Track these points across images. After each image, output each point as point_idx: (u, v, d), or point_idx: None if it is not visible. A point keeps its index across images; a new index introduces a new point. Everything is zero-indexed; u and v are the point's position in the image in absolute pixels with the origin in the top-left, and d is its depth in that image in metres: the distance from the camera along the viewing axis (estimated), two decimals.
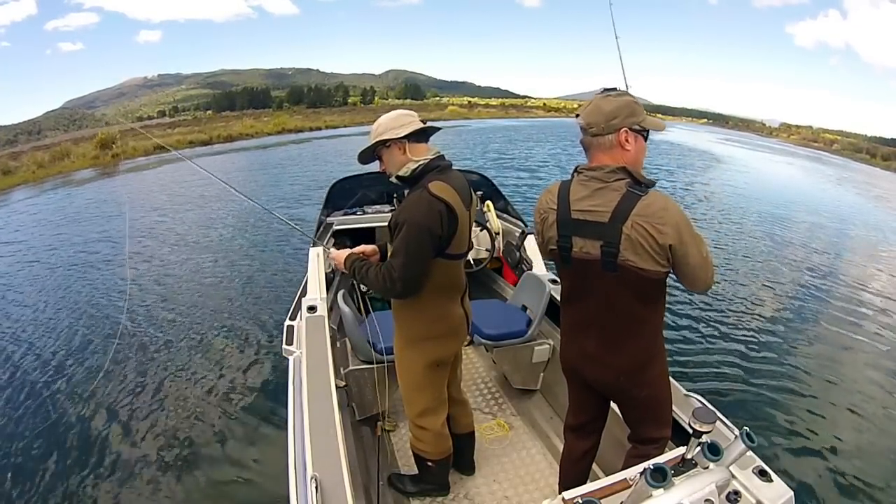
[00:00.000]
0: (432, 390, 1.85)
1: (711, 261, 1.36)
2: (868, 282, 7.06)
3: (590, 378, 1.60)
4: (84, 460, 2.99)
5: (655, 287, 1.38)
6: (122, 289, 5.77)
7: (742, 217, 10.25)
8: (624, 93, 1.37)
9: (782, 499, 1.26)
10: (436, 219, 1.52)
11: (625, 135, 1.33)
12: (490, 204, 3.68)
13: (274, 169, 14.94)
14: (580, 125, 1.38)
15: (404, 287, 1.57)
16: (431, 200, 1.52)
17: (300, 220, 6.80)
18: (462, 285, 1.79)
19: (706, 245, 1.35)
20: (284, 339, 2.17)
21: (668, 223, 1.26)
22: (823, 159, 36.55)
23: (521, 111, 68.15)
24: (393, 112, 1.66)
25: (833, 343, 4.93)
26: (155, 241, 7.65)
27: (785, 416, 3.60)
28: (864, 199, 16.89)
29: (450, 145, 19.52)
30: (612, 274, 1.35)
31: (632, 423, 1.65)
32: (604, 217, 1.32)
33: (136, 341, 4.33)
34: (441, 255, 1.60)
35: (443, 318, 1.73)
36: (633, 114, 1.34)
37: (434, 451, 1.97)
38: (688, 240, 1.29)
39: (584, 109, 1.37)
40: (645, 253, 1.29)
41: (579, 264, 1.42)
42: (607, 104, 1.34)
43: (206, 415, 3.36)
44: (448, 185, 1.57)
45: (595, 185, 1.35)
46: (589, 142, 1.38)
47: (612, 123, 1.32)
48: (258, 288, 5.61)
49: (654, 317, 1.46)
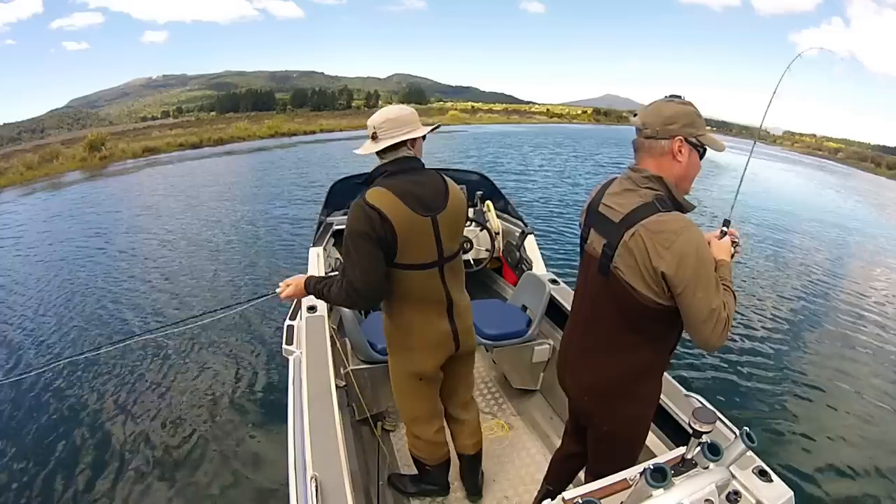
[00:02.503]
0: (417, 400, 1.83)
1: (724, 318, 1.16)
2: (872, 286, 7.07)
3: (567, 390, 1.56)
4: (81, 459, 2.97)
5: (644, 317, 1.25)
6: (122, 287, 5.78)
7: (746, 221, 10.24)
8: (688, 102, 1.27)
9: (782, 499, 1.26)
10: (369, 224, 1.46)
11: (678, 144, 1.24)
12: (490, 204, 3.68)
13: (242, 176, 14.61)
14: (636, 125, 1.30)
15: (365, 295, 1.53)
16: (363, 207, 1.47)
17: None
18: (442, 299, 1.66)
19: (724, 298, 1.17)
20: (284, 339, 2.16)
21: (673, 249, 1.14)
22: (829, 168, 36.51)
23: (523, 116, 68.43)
24: (397, 107, 1.62)
25: (834, 345, 4.94)
26: (153, 241, 7.66)
27: (785, 416, 3.61)
28: (873, 209, 16.89)
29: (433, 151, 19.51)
30: (604, 278, 1.30)
31: (592, 456, 1.57)
32: (616, 216, 1.27)
33: (136, 340, 4.31)
34: (392, 264, 1.54)
35: (417, 331, 1.67)
36: (692, 124, 1.25)
37: (430, 458, 1.95)
38: (689, 277, 1.14)
39: (643, 111, 1.30)
40: (635, 268, 1.20)
41: (587, 259, 1.39)
42: (668, 108, 1.25)
43: (205, 414, 3.36)
44: (386, 191, 1.49)
45: (627, 185, 1.30)
46: (641, 143, 1.29)
47: (668, 128, 1.24)
48: (258, 288, 5.59)
49: (638, 351, 1.33)
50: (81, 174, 16.53)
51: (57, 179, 15.55)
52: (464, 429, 1.99)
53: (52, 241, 7.97)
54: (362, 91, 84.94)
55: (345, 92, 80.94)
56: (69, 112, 78.87)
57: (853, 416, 3.71)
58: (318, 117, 45.21)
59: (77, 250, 7.36)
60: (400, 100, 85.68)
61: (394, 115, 1.57)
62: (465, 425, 1.98)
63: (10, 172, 16.93)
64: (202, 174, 15.35)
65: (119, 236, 8.09)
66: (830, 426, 3.54)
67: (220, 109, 69.70)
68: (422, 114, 1.72)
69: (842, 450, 3.27)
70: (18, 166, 17.69)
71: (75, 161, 18.62)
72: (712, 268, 1.18)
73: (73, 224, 9.14)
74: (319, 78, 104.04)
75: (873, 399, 3.96)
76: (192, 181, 13.59)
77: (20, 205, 11.70)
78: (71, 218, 9.67)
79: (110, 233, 8.35)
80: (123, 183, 14.39)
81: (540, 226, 7.78)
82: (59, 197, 12.40)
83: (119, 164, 18.40)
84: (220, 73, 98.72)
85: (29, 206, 11.43)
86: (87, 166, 18.05)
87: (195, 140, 24.60)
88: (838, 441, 3.36)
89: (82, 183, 14.51)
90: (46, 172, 16.93)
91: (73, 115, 75.62)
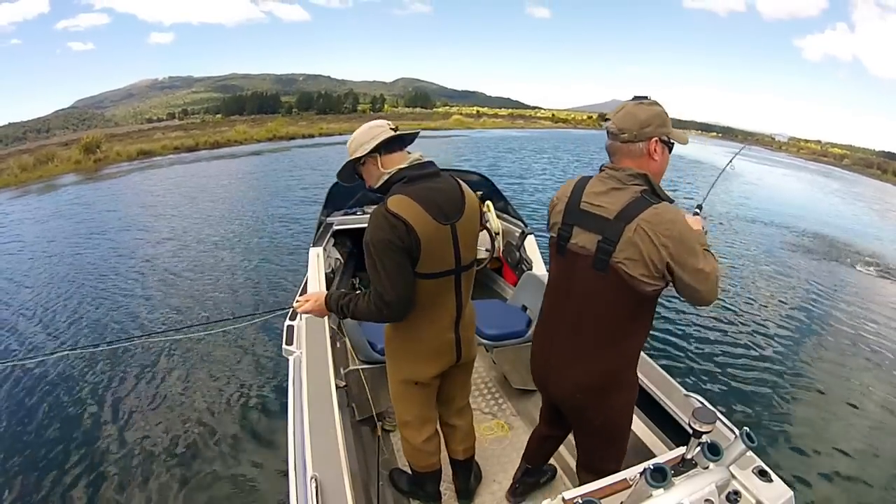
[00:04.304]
0: (410, 405, 1.80)
1: (715, 276, 1.29)
2: (873, 288, 7.09)
3: (550, 392, 1.58)
4: (79, 459, 2.97)
5: (640, 304, 1.33)
6: (121, 285, 5.81)
7: (751, 226, 10.28)
8: (656, 102, 1.35)
9: (782, 499, 1.25)
10: (394, 233, 1.41)
11: (654, 144, 1.32)
12: (490, 204, 3.69)
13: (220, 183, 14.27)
14: (610, 130, 1.35)
15: (397, 308, 1.48)
16: (387, 216, 1.42)
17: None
18: (453, 308, 1.63)
19: (713, 260, 1.29)
20: (284, 339, 2.16)
21: (673, 236, 1.23)
22: (835, 175, 36.37)
23: (528, 121, 68.48)
24: (363, 126, 1.59)
25: (834, 346, 4.94)
26: (151, 241, 7.72)
27: (785, 416, 3.60)
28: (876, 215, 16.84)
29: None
30: (600, 274, 1.31)
31: (584, 449, 1.62)
32: (610, 213, 1.30)
33: (135, 340, 4.31)
34: (413, 273, 1.49)
35: (421, 339, 1.64)
36: (663, 124, 1.33)
37: (417, 464, 1.94)
38: (687, 254, 1.25)
39: (616, 115, 1.35)
40: (640, 260, 1.25)
41: (571, 257, 1.39)
42: (641, 111, 1.32)
43: (205, 414, 3.36)
44: (408, 199, 1.44)
45: (612, 184, 1.33)
46: (617, 147, 1.35)
47: (644, 131, 1.31)
48: (258, 288, 5.63)
49: (630, 339, 1.40)
50: (76, 177, 16.55)
51: (51, 182, 15.60)
52: (455, 434, 1.98)
53: (36, 243, 8.04)
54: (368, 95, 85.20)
55: (350, 95, 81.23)
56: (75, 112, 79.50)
57: (853, 415, 3.71)
58: (321, 121, 45.18)
59: (65, 252, 7.42)
60: (405, 104, 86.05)
61: (362, 130, 1.58)
62: (458, 430, 1.97)
63: (6, 174, 16.96)
64: (190, 178, 15.33)
65: (106, 240, 8.09)
66: (831, 426, 3.54)
67: (226, 112, 70.09)
68: (425, 118, 1.73)
69: (842, 449, 3.26)
70: (13, 168, 17.69)
71: (70, 163, 18.57)
72: (697, 241, 1.28)
73: (64, 224, 9.26)
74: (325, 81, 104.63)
75: (874, 399, 3.96)
76: (177, 186, 13.56)
77: (11, 206, 11.78)
78: (63, 218, 9.80)
79: (98, 236, 8.38)
80: (114, 187, 14.40)
81: (540, 227, 7.77)
82: (40, 201, 12.36)
83: (113, 167, 18.41)
84: (226, 76, 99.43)
85: (19, 209, 11.50)
86: (80, 169, 18.04)
87: (191, 143, 24.42)
88: (839, 441, 3.35)
89: (72, 187, 14.43)
90: (41, 175, 16.92)
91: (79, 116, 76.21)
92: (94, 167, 18.39)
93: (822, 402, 3.86)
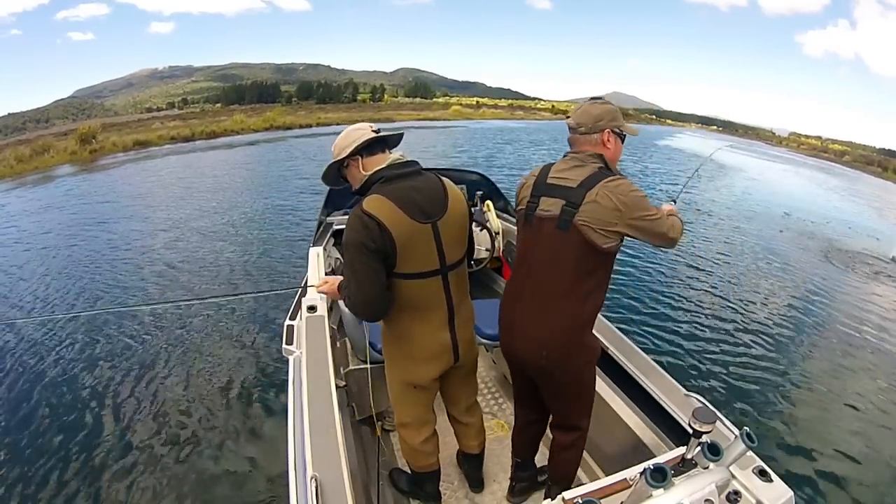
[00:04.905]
0: (408, 406, 1.82)
1: (675, 220, 1.59)
2: (874, 289, 7.07)
3: (518, 357, 1.70)
4: (78, 458, 2.95)
5: (598, 262, 1.52)
6: (120, 285, 5.78)
7: (749, 223, 10.27)
8: (608, 102, 1.62)
9: (782, 499, 1.26)
10: (367, 234, 1.42)
11: (607, 135, 1.56)
12: (490, 204, 3.68)
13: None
14: (570, 125, 1.60)
15: (366, 309, 1.52)
16: (361, 216, 1.44)
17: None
18: (443, 308, 1.63)
19: (664, 214, 1.53)
20: (284, 338, 2.14)
21: (628, 197, 1.45)
22: (836, 171, 36.15)
23: (528, 113, 68.03)
24: (345, 130, 1.62)
25: (836, 345, 4.93)
26: (146, 231, 7.71)
27: (785, 416, 3.60)
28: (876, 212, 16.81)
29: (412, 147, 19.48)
30: (563, 233, 1.49)
31: (556, 409, 1.81)
32: (573, 183, 1.51)
33: (135, 340, 4.32)
34: (391, 274, 1.50)
35: (416, 341, 1.64)
36: (615, 119, 1.57)
37: (415, 464, 1.95)
38: (642, 209, 1.47)
39: (575, 112, 1.61)
40: (600, 218, 1.45)
41: (537, 223, 1.57)
42: (595, 109, 1.58)
43: (205, 414, 3.34)
44: (383, 198, 1.46)
45: (574, 163, 1.56)
46: (576, 139, 1.59)
47: (598, 125, 1.56)
48: (257, 287, 5.58)
49: (589, 297, 1.56)
50: (71, 167, 16.46)
51: (47, 173, 15.53)
52: (468, 431, 2.02)
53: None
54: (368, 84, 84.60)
55: (350, 85, 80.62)
56: (74, 102, 78.91)
57: (854, 415, 3.71)
58: (320, 110, 44.81)
59: (60, 244, 7.40)
60: (405, 94, 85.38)
61: (344, 134, 1.61)
62: (470, 427, 2.02)
63: (2, 165, 16.92)
64: (185, 168, 15.28)
65: (102, 231, 8.09)
66: (831, 426, 3.54)
67: (226, 101, 69.54)
68: (425, 108, 1.74)
69: (843, 450, 3.26)
70: (9, 159, 17.64)
71: (66, 154, 18.55)
72: (649, 202, 1.51)
73: (59, 215, 9.25)
74: (325, 71, 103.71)
75: (874, 399, 3.95)
76: (172, 176, 13.57)
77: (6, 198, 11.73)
78: (58, 210, 9.78)
79: (91, 225, 8.39)
80: (109, 177, 14.35)
81: None
82: (32, 194, 12.29)
83: (109, 158, 18.32)
84: (226, 65, 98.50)
85: (14, 200, 11.47)
86: (76, 159, 17.98)
87: (187, 133, 24.34)
88: (839, 441, 3.35)
89: (68, 178, 14.38)
90: (36, 166, 16.89)
91: (79, 106, 75.65)
92: (89, 158, 18.30)
93: (822, 401, 3.86)
